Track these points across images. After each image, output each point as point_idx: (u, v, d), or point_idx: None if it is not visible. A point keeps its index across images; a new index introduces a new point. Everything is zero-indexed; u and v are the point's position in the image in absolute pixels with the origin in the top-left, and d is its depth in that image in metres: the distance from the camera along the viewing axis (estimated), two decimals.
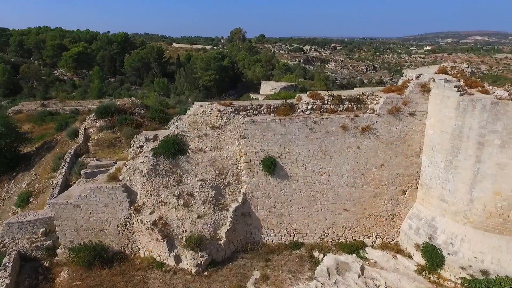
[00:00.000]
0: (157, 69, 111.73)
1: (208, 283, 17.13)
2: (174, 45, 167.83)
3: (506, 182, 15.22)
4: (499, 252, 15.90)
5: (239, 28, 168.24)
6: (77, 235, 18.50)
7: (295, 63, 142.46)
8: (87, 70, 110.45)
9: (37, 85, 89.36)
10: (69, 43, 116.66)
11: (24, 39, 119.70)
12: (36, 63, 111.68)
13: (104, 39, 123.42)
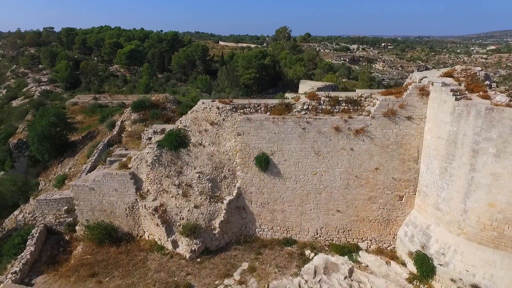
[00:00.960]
0: (201, 67, 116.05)
1: (199, 269, 18.34)
2: (221, 43, 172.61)
3: (501, 194, 14.35)
4: (493, 268, 15.03)
5: (284, 27, 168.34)
6: (92, 215, 20.77)
7: (339, 62, 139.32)
8: (138, 66, 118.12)
9: (94, 80, 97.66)
10: (124, 41, 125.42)
11: (87, 38, 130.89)
12: (95, 59, 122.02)
13: (155, 37, 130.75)
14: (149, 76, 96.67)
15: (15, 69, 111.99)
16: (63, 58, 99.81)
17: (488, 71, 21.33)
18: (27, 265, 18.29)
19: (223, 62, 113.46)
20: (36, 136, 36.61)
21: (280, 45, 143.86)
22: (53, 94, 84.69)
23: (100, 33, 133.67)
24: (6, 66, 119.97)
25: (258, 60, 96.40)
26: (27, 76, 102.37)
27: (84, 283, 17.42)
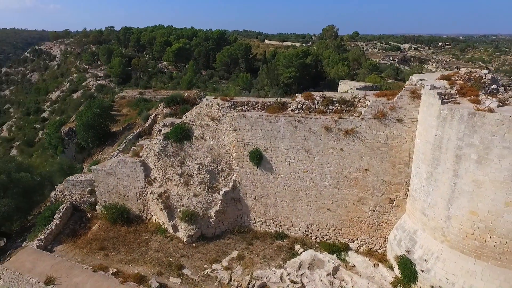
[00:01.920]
0: (243, 65, 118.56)
1: (193, 253, 19.89)
2: (266, 42, 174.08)
3: (482, 202, 13.87)
4: (473, 278, 14.56)
5: (331, 25, 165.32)
6: (108, 196, 23.31)
7: (387, 62, 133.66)
8: (185, 63, 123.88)
9: (143, 76, 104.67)
10: (174, 40, 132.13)
11: (141, 36, 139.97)
12: (147, 57, 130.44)
13: (202, 36, 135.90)
14: (194, 73, 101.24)
15: (78, 65, 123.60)
16: (118, 55, 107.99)
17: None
18: (51, 235, 21.20)
19: (265, 61, 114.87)
20: (82, 126, 40.87)
21: (325, 44, 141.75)
22: (106, 88, 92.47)
23: (153, 32, 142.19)
24: (72, 62, 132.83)
25: (299, 59, 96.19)
26: (87, 71, 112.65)
27: (94, 255, 19.83)
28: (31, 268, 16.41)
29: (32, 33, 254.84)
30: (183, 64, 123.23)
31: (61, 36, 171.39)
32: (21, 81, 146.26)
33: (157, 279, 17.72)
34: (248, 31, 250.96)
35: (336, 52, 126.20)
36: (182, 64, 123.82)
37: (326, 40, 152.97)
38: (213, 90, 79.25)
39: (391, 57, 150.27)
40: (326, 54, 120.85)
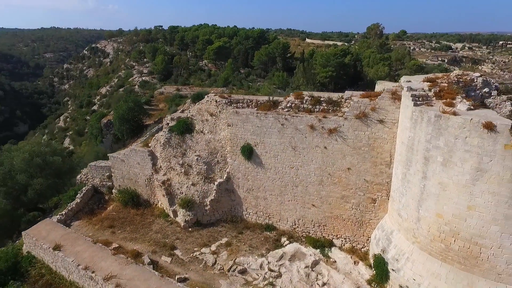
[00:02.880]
0: (280, 64, 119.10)
1: (187, 236, 21.72)
2: (307, 40, 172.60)
3: (447, 205, 13.90)
4: (438, 280, 14.61)
5: (376, 24, 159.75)
6: (122, 182, 25.95)
7: (435, 63, 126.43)
8: (224, 62, 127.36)
9: (183, 73, 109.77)
10: (215, 38, 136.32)
11: (185, 35, 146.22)
12: (189, 55, 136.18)
13: (243, 35, 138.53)
14: (231, 71, 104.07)
15: (127, 62, 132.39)
16: (161, 53, 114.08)
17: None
18: (72, 211, 24.26)
19: (303, 60, 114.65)
20: (118, 118, 44.76)
21: (367, 43, 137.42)
22: (149, 84, 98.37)
23: (197, 31, 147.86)
24: (122, 59, 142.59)
25: (337, 58, 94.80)
26: (133, 68, 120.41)
27: (103, 231, 22.45)
28: (45, 236, 19.26)
29: (92, 32, 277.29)
30: (222, 62, 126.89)
31: (114, 35, 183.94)
32: (79, 76, 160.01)
33: (150, 256, 19.76)
34: (292, 30, 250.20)
35: (377, 51, 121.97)
36: (221, 62, 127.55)
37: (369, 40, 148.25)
38: (248, 88, 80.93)
39: (440, 57, 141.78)
40: (366, 53, 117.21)
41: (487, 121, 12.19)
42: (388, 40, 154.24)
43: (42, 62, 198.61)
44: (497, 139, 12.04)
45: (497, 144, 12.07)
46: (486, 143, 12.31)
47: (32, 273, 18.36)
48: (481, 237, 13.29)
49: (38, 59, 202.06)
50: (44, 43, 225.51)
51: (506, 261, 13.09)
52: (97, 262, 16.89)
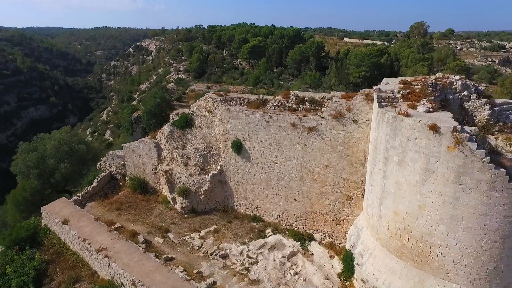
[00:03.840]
0: (314, 63, 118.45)
1: (181, 222, 23.74)
2: (346, 39, 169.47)
3: (402, 203, 14.39)
4: (393, 276, 15.13)
5: (421, 22, 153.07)
6: (133, 170, 28.65)
7: (483, 63, 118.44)
8: (258, 60, 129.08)
9: (217, 71, 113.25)
10: (251, 37, 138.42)
11: (222, 34, 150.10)
12: (225, 53, 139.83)
13: (278, 34, 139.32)
14: (264, 70, 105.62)
15: (167, 60, 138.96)
16: (198, 51, 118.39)
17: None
18: (88, 194, 27.33)
19: (337, 59, 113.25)
20: (146, 113, 48.28)
21: (407, 42, 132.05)
22: (183, 81, 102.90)
23: (234, 30, 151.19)
24: (163, 57, 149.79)
25: (371, 58, 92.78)
26: (171, 66, 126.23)
27: (110, 213, 25.17)
28: (58, 212, 22.25)
29: (139, 31, 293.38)
30: (256, 61, 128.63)
31: (158, 34, 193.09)
32: (124, 73, 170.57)
33: (145, 236, 22.02)
34: (332, 29, 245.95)
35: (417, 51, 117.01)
36: (255, 61, 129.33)
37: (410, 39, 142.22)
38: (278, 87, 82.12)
39: (491, 57, 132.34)
40: (405, 53, 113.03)
41: (432, 123, 12.62)
42: (432, 40, 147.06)
43: (93, 59, 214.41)
44: (441, 141, 12.44)
45: (442, 145, 12.47)
46: (432, 144, 12.74)
47: (46, 242, 21.39)
48: (430, 236, 13.68)
49: (90, 56, 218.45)
50: (96, 41, 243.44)
51: (453, 260, 13.39)
52: (94, 236, 19.40)
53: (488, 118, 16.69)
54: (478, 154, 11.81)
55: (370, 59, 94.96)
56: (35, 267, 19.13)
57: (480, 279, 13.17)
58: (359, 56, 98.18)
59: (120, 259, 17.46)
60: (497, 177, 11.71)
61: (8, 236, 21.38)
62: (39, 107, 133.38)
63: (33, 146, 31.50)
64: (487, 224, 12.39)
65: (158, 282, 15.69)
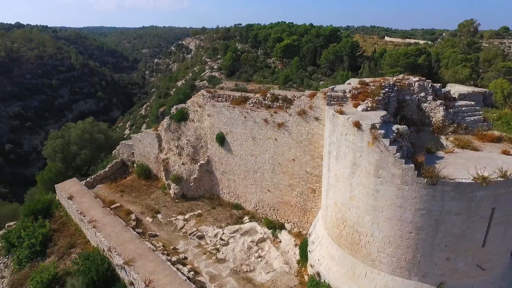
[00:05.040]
0: (347, 63, 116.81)
1: (172, 205, 26.39)
2: (386, 39, 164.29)
3: (339, 195, 15.55)
4: (332, 262, 16.34)
5: (470, 20, 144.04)
6: (139, 158, 31.89)
7: None
8: (291, 59, 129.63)
9: (248, 70, 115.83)
10: (286, 36, 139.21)
11: (258, 33, 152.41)
12: (260, 52, 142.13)
13: (314, 33, 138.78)
14: (296, 69, 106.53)
15: (203, 58, 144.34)
16: (231, 50, 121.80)
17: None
18: (99, 177, 31.00)
19: (372, 59, 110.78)
20: (169, 108, 51.99)
21: (451, 41, 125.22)
22: (215, 79, 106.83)
23: (270, 29, 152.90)
24: (201, 55, 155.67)
25: (407, 58, 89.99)
26: (206, 64, 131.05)
27: (114, 194, 28.49)
28: (67, 189, 25.90)
29: (182, 30, 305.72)
30: (289, 60, 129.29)
31: (198, 33, 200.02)
32: (165, 70, 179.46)
33: (137, 215, 24.92)
34: (375, 27, 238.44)
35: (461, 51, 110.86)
36: (289, 60, 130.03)
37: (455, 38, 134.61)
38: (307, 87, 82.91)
39: None
40: (447, 53, 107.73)
41: (356, 120, 13.73)
42: (482, 39, 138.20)
43: (139, 57, 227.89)
44: (363, 137, 13.53)
45: (363, 141, 13.56)
46: (357, 140, 13.85)
47: (56, 214, 25.05)
48: (359, 225, 14.76)
49: (136, 54, 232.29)
50: (142, 40, 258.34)
51: (377, 249, 14.37)
52: (90, 211, 22.56)
53: (443, 119, 17.19)
54: (391, 149, 12.78)
55: (405, 59, 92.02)
56: (44, 233, 22.72)
57: (401, 268, 14.05)
58: (394, 56, 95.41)
59: (105, 230, 20.35)
60: (407, 172, 12.61)
61: (27, 207, 25.38)
62: (88, 100, 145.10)
63: (61, 134, 36.06)
64: (402, 215, 13.29)
65: (128, 250, 18.29)
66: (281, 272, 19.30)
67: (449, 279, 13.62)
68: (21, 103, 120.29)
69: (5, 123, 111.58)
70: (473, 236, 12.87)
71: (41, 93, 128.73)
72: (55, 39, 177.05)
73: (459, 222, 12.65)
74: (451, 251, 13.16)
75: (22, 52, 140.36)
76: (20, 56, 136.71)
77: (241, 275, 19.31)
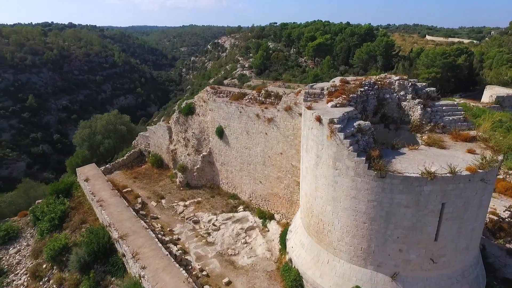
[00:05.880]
0: (381, 62, 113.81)
1: (176, 192, 28.49)
2: (427, 37, 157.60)
3: (308, 185, 16.48)
4: (302, 249, 17.33)
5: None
6: (154, 148, 34.47)
7: None
8: (323, 58, 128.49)
9: (279, 69, 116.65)
10: (319, 35, 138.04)
11: (292, 32, 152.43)
12: (293, 51, 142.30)
13: (348, 31, 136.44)
14: (327, 68, 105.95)
15: (236, 56, 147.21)
16: (263, 49, 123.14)
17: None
18: (117, 164, 33.98)
19: (409, 59, 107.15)
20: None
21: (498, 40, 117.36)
22: (244, 77, 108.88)
23: (304, 28, 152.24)
24: (234, 54, 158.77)
25: (445, 58, 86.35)
26: (238, 62, 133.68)
27: (128, 180, 31.20)
28: (85, 173, 28.94)
29: (220, 28, 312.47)
30: (321, 59, 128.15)
31: (234, 31, 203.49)
32: (200, 68, 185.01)
33: (144, 199, 27.30)
34: (418, 25, 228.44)
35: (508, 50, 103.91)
36: (321, 59, 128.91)
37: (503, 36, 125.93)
38: None
39: None
40: (492, 53, 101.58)
41: (317, 115, 14.64)
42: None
43: (178, 55, 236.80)
44: (323, 131, 14.42)
45: (324, 135, 14.45)
46: (319, 134, 14.77)
47: (74, 194, 28.13)
48: (323, 215, 15.64)
49: (175, 52, 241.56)
50: (181, 38, 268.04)
51: (337, 238, 15.18)
52: (100, 192, 25.23)
53: (420, 118, 17.49)
54: (345, 143, 13.59)
55: (443, 60, 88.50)
56: (62, 210, 25.77)
57: (357, 257, 14.78)
58: (430, 56, 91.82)
59: (109, 209, 22.80)
60: (359, 164, 13.36)
61: (51, 187, 28.78)
62: (128, 96, 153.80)
63: (88, 124, 39.75)
64: (357, 206, 14.03)
65: (125, 227, 20.49)
66: (262, 258, 20.54)
67: (403, 270, 14.15)
68: (69, 97, 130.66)
69: (55, 115, 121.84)
70: (424, 229, 13.33)
71: (86, 88, 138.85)
72: (101, 38, 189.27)
73: (409, 215, 13.19)
74: (403, 243, 13.70)
75: (72, 50, 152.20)
76: (70, 53, 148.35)
77: (225, 257, 20.81)
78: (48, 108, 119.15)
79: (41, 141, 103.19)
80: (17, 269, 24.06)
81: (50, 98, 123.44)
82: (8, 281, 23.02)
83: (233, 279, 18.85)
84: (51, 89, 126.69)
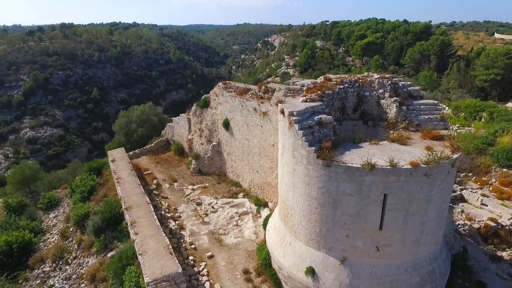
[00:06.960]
0: (435, 62, 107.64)
1: (188, 177, 31.32)
2: (496, 36, 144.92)
3: (279, 173, 17.91)
4: (273, 231, 18.85)
5: None
6: (177, 137, 37.84)
7: None
8: (372, 58, 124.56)
9: (323, 68, 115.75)
10: (370, 34, 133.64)
11: (341, 30, 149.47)
12: (342, 50, 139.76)
13: (402, 30, 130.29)
14: (375, 68, 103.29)
15: (282, 55, 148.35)
16: (309, 48, 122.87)
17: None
18: (145, 150, 37.94)
19: (466, 59, 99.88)
20: None
21: None
22: (287, 75, 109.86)
23: (355, 26, 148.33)
24: (282, 52, 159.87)
25: (508, 59, 79.69)
26: (283, 61, 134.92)
27: (150, 164, 34.84)
28: (114, 155, 33.04)
29: (272, 27, 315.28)
30: (370, 59, 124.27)
31: (284, 30, 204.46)
32: (249, 65, 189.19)
33: (159, 181, 30.55)
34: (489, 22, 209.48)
35: None
36: (369, 59, 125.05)
37: None
38: None
39: None
40: None
41: (281, 108, 16.05)
42: None
43: (229, 52, 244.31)
44: (285, 122, 15.81)
45: (286, 126, 15.84)
46: (283, 125, 16.18)
47: (104, 173, 32.37)
48: (287, 200, 17.01)
49: (227, 50, 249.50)
50: (234, 36, 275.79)
51: (297, 221, 16.46)
52: (120, 171, 28.91)
53: (396, 115, 17.99)
54: (299, 134, 14.88)
55: (505, 60, 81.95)
56: (91, 185, 30.04)
57: (312, 240, 15.95)
58: (491, 56, 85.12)
59: (123, 185, 26.24)
60: (310, 153, 14.57)
61: (86, 166, 33.48)
62: (180, 91, 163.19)
63: (126, 113, 44.53)
64: (310, 192, 15.23)
65: (131, 201, 23.59)
66: (247, 239, 22.33)
67: (350, 256, 15.06)
68: (127, 91, 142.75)
69: (114, 107, 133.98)
70: (368, 218, 14.15)
71: (143, 82, 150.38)
72: (160, 36, 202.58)
73: (353, 202, 14.13)
74: (349, 229, 14.64)
75: (133, 47, 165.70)
76: (131, 50, 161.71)
77: (215, 236, 22.97)
78: (109, 100, 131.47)
79: (100, 129, 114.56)
80: (53, 230, 28.75)
81: (111, 91, 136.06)
82: (44, 238, 27.71)
83: (216, 254, 20.94)
84: (112, 83, 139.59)
